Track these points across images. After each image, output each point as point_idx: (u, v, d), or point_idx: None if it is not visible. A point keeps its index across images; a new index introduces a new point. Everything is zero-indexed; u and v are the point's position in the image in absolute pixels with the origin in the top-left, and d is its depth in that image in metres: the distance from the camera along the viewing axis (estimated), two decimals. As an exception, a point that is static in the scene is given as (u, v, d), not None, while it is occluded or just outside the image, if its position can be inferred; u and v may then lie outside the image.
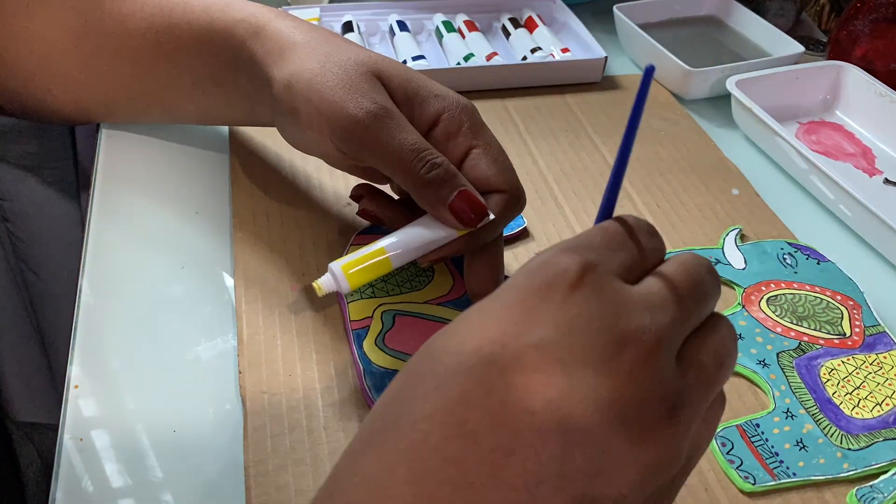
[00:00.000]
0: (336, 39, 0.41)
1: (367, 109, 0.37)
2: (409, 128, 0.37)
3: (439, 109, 0.39)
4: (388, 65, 0.40)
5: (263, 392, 0.38)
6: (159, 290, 0.44)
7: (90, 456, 0.36)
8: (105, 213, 0.48)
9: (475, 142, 0.38)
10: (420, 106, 0.39)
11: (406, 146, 0.36)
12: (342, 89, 0.38)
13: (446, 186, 0.36)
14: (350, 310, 0.42)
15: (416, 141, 0.37)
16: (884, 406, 0.40)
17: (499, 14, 0.70)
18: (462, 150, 0.38)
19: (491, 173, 0.38)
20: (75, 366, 0.40)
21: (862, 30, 0.64)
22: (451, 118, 0.39)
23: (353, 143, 0.38)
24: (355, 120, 0.37)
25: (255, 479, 0.35)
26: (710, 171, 0.56)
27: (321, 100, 0.38)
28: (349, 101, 0.37)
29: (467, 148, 0.38)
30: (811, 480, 0.37)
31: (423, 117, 0.39)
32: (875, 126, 0.61)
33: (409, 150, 0.36)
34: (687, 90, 0.63)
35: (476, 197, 0.36)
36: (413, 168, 0.36)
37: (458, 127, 0.38)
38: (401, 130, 0.37)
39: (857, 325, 0.44)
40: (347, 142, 0.38)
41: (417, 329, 0.41)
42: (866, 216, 0.50)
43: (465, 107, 0.39)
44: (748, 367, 0.41)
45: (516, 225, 0.49)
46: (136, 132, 0.54)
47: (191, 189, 0.50)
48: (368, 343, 0.40)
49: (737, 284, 0.46)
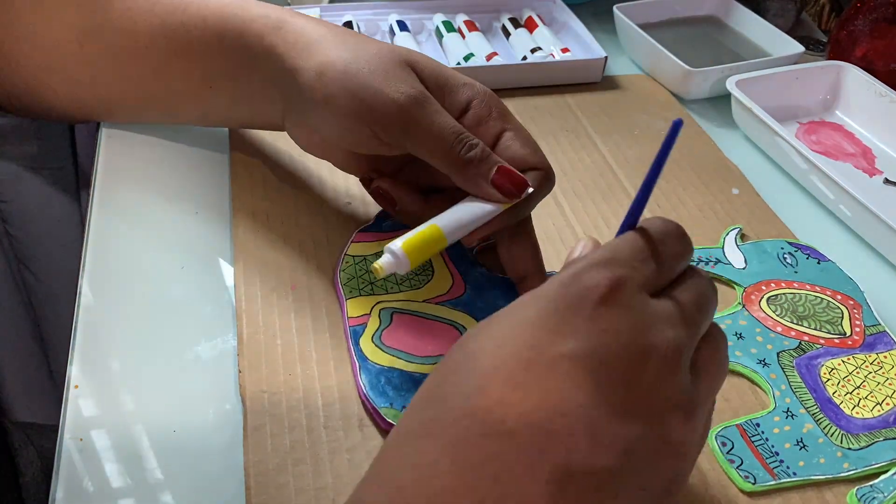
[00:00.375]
0: (360, 35, 0.42)
1: (407, 94, 0.38)
2: (445, 112, 0.39)
3: (469, 97, 0.40)
4: (417, 55, 0.41)
5: (263, 392, 0.38)
6: (159, 290, 0.44)
7: (90, 456, 0.36)
8: (105, 213, 0.48)
9: (506, 125, 0.40)
10: (451, 94, 0.41)
11: (446, 129, 0.38)
12: (379, 76, 0.39)
13: (486, 163, 0.38)
14: (348, 306, 0.42)
15: (453, 124, 0.38)
16: (884, 406, 0.40)
17: (499, 14, 0.70)
18: (494, 134, 0.40)
19: (525, 153, 0.40)
20: (75, 366, 0.40)
21: (862, 30, 0.64)
22: (482, 104, 0.40)
23: (394, 129, 0.39)
24: (397, 104, 0.38)
25: (255, 478, 0.35)
26: (710, 171, 0.56)
27: (359, 86, 0.39)
28: (389, 87, 0.38)
29: (499, 131, 0.40)
30: (811, 480, 0.37)
31: (455, 104, 0.40)
32: (875, 126, 0.61)
33: (449, 133, 0.38)
34: (687, 90, 0.63)
35: (514, 171, 0.38)
36: (454, 149, 0.38)
37: (488, 112, 0.40)
38: (439, 114, 0.39)
39: (858, 325, 0.44)
40: (389, 127, 0.39)
41: (415, 327, 0.41)
42: (866, 216, 0.50)
43: (491, 94, 0.41)
44: (748, 366, 0.41)
45: None
46: (137, 132, 0.54)
47: (191, 189, 0.50)
48: (365, 340, 0.40)
49: (737, 284, 0.46)
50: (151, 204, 0.49)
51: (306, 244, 0.46)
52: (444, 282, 0.44)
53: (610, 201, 0.52)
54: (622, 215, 0.51)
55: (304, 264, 0.45)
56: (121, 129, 0.54)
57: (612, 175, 0.55)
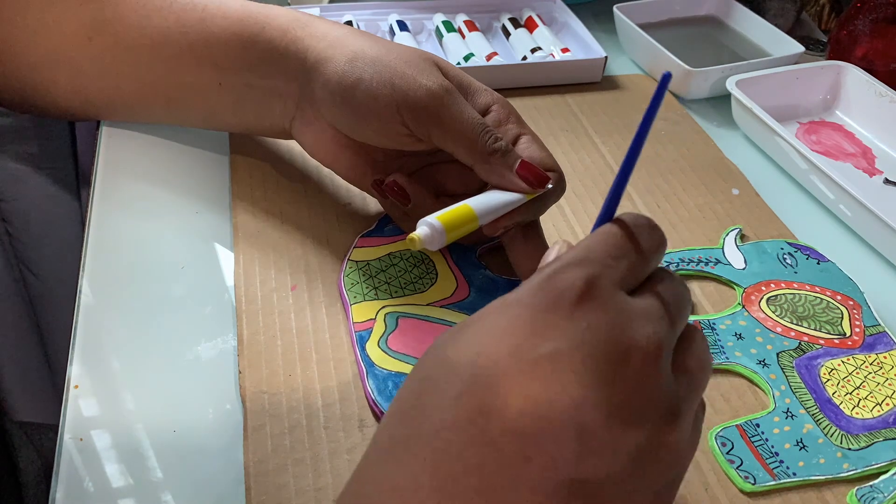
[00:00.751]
0: (381, 38, 0.44)
1: (440, 84, 0.40)
2: (471, 107, 0.41)
3: (489, 101, 0.42)
4: (440, 59, 0.43)
5: (263, 392, 0.38)
6: (159, 290, 0.44)
7: (90, 456, 0.36)
8: (105, 212, 0.48)
9: (523, 130, 0.42)
10: (473, 96, 0.42)
11: (474, 121, 0.40)
12: (411, 67, 0.40)
13: (511, 156, 0.40)
14: (353, 311, 0.42)
15: (480, 118, 0.40)
16: (884, 406, 0.40)
17: (499, 14, 0.70)
18: (512, 136, 0.42)
19: (542, 156, 0.41)
20: (75, 366, 0.40)
21: (862, 30, 0.64)
22: (501, 108, 0.42)
23: (425, 116, 0.40)
24: (430, 92, 0.40)
25: (255, 479, 0.35)
26: (711, 171, 0.56)
27: (393, 73, 0.40)
28: (421, 76, 0.40)
29: (517, 134, 0.42)
30: (811, 480, 0.37)
31: (477, 106, 0.42)
32: (875, 126, 0.61)
33: (477, 124, 0.40)
34: (687, 90, 0.63)
35: (535, 166, 0.40)
36: (481, 140, 0.39)
37: (506, 117, 0.42)
38: (467, 106, 0.40)
39: (858, 325, 0.44)
40: (419, 114, 0.40)
41: (421, 331, 0.41)
42: (866, 216, 0.50)
43: (508, 102, 0.43)
44: (748, 366, 0.42)
45: None
46: (137, 132, 0.54)
47: (191, 189, 0.50)
48: (371, 345, 0.40)
49: (737, 284, 0.46)
50: (152, 204, 0.49)
51: (307, 245, 0.46)
52: (449, 284, 0.44)
53: (610, 201, 0.52)
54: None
55: (304, 265, 0.45)
56: (121, 128, 0.54)
57: (612, 175, 0.55)
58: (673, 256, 0.48)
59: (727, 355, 0.42)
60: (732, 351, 0.42)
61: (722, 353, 0.42)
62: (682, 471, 0.27)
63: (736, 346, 0.43)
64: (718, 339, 0.43)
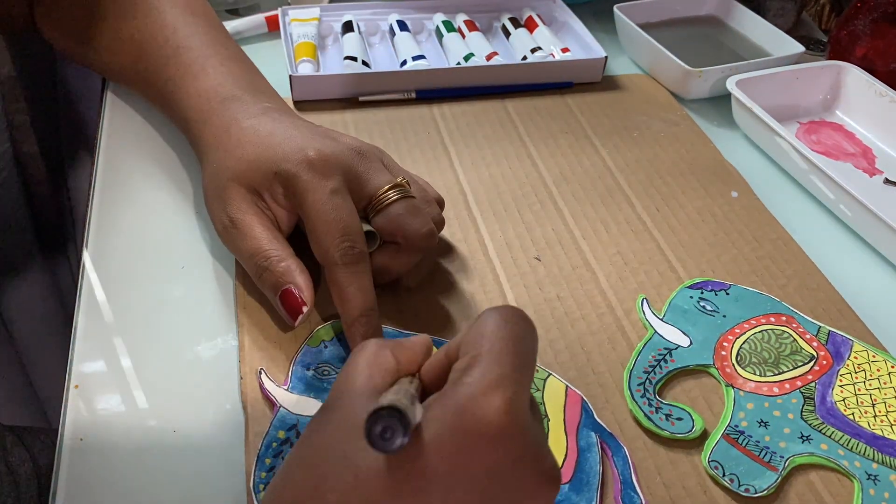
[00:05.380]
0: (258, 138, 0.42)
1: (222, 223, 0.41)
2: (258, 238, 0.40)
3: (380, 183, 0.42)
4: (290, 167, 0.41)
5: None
6: (159, 290, 0.44)
7: (90, 456, 0.36)
8: (105, 213, 0.48)
9: None
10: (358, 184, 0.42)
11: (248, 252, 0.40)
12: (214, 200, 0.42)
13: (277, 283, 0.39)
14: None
15: (256, 247, 0.40)
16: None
17: (499, 14, 0.70)
18: None
19: None
20: (75, 366, 0.40)
21: (862, 30, 0.64)
22: None
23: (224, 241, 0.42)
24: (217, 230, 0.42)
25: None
26: (709, 174, 0.56)
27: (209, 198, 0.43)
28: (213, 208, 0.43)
29: None
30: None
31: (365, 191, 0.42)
32: (875, 126, 0.61)
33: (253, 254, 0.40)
34: (687, 90, 0.63)
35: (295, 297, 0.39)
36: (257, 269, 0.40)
37: None
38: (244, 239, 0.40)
39: (811, 340, 0.43)
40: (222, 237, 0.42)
41: None
42: (866, 216, 0.50)
43: None
44: (803, 452, 0.37)
45: None
46: (137, 132, 0.54)
47: (191, 189, 0.50)
48: None
49: (706, 366, 0.41)
50: (151, 204, 0.49)
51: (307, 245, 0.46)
52: None
53: (609, 205, 0.52)
54: (621, 219, 0.51)
55: (303, 265, 0.45)
56: (121, 129, 0.54)
57: (612, 178, 0.55)
58: (632, 384, 0.40)
59: (782, 454, 0.37)
60: (777, 443, 0.38)
61: (777, 455, 0.37)
62: None
63: (773, 436, 0.38)
64: (759, 442, 0.38)
